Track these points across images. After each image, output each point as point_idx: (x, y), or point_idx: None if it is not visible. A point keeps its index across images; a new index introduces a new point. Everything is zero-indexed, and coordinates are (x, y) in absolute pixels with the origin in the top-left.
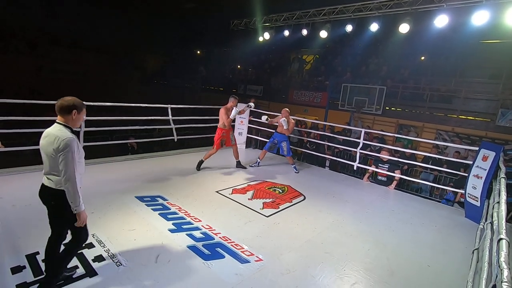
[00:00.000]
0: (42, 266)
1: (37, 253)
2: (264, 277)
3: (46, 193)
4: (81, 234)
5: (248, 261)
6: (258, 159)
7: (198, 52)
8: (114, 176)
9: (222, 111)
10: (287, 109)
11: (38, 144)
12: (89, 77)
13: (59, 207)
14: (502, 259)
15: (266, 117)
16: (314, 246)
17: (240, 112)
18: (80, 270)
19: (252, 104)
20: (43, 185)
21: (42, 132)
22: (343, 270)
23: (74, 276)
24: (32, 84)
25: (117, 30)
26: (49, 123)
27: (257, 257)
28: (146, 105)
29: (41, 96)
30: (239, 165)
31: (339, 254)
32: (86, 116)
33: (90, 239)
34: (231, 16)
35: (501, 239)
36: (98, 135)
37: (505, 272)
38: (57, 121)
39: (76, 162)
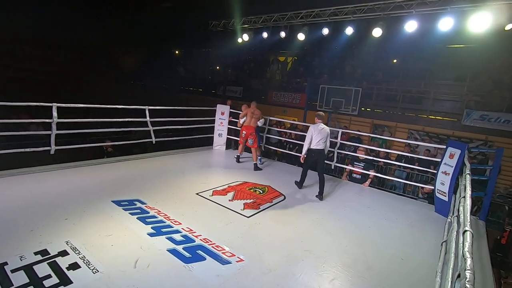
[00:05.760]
0: (11, 277)
1: (5, 263)
2: (245, 277)
3: (319, 152)
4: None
5: (229, 262)
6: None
7: (177, 52)
8: (89, 180)
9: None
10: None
11: None
12: (60, 77)
13: (324, 159)
14: (466, 249)
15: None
16: (295, 244)
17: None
18: (53, 280)
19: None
20: (317, 149)
21: None
22: (322, 266)
23: (46, 286)
24: None
25: (91, 28)
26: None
27: (238, 257)
28: (123, 106)
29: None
30: (256, 167)
31: (319, 251)
32: (58, 118)
33: (63, 246)
34: (209, 17)
35: (465, 231)
36: (72, 138)
37: (468, 261)
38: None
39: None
